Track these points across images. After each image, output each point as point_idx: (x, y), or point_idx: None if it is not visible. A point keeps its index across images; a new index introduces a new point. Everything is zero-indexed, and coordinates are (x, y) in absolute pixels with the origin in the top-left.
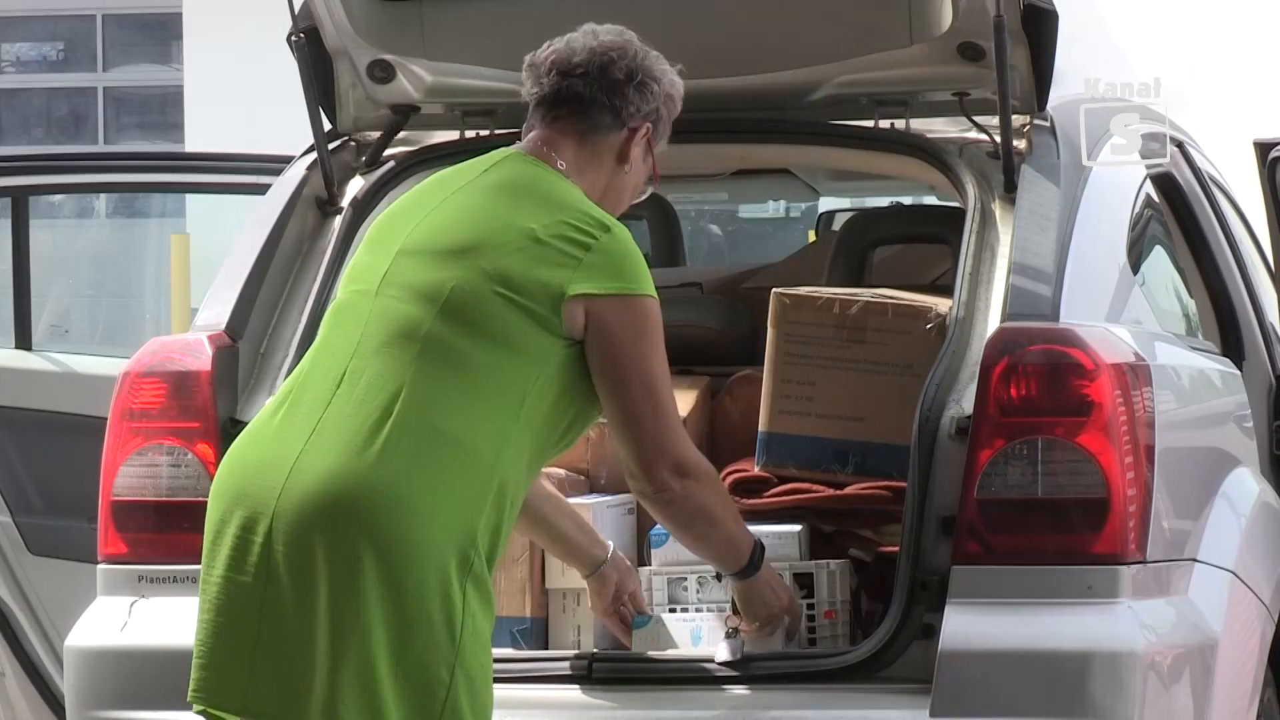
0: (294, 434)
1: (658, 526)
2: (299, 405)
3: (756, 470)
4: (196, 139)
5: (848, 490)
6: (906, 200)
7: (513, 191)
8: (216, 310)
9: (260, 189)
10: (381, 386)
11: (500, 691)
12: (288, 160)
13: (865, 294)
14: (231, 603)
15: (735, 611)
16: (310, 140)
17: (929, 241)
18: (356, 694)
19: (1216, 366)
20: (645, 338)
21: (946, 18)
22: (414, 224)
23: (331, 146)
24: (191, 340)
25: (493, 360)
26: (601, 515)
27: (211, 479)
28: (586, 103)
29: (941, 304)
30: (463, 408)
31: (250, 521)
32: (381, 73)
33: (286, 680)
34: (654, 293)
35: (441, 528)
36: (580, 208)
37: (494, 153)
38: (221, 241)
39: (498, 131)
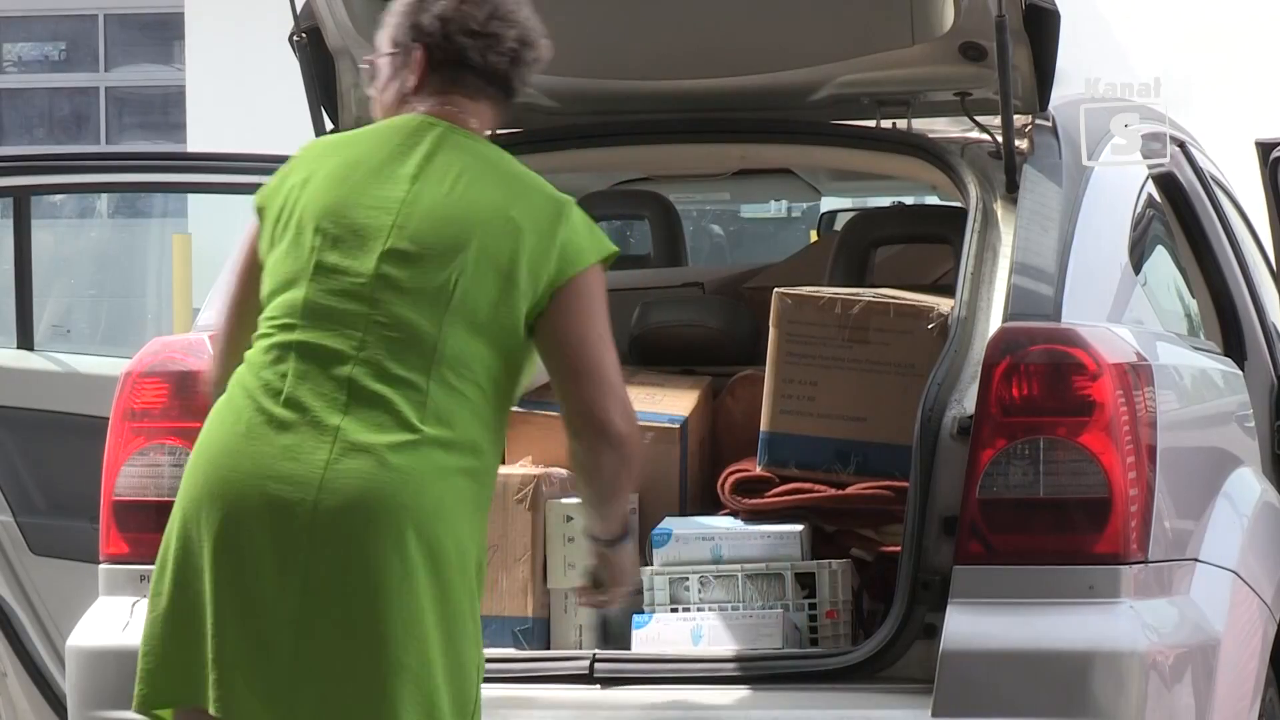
0: (310, 444)
1: (660, 526)
2: (303, 413)
3: (758, 470)
4: (198, 139)
5: (849, 490)
6: (908, 200)
7: (475, 176)
8: (218, 310)
9: None
10: (400, 398)
11: (502, 691)
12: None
13: (867, 294)
14: (261, 613)
15: (596, 586)
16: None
17: (931, 241)
18: (413, 697)
19: (1218, 366)
20: (602, 297)
21: (948, 18)
22: (390, 221)
23: None
24: (193, 340)
25: (495, 360)
26: None
27: None
28: (507, 82)
29: (943, 304)
30: (475, 413)
31: (277, 532)
32: None
33: (331, 690)
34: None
35: (469, 532)
36: (539, 187)
37: (414, 125)
38: (223, 242)
39: (499, 131)
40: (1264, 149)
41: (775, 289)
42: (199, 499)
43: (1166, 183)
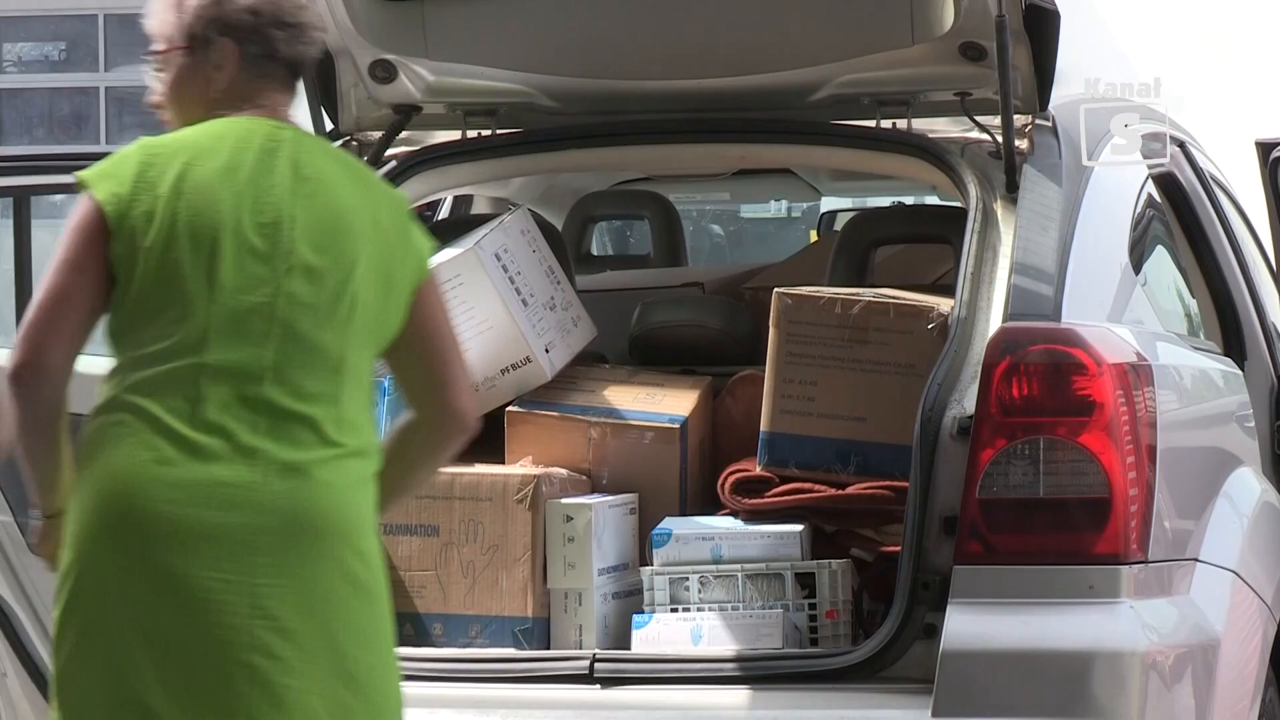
0: (237, 469)
1: (660, 526)
2: (224, 437)
3: (758, 470)
4: None
5: (849, 490)
6: (908, 200)
7: (338, 183)
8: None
9: None
10: (317, 414)
11: (502, 691)
12: None
13: (867, 294)
14: (214, 642)
15: None
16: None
17: (931, 241)
18: (366, 707)
19: (1218, 366)
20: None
21: (948, 18)
22: (285, 237)
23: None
24: None
25: (373, 364)
26: (602, 515)
27: None
28: (301, 72)
29: (943, 304)
30: (370, 420)
31: (219, 561)
32: (383, 72)
33: (289, 710)
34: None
35: (378, 535)
36: (385, 186)
37: (265, 132)
38: None
39: (499, 131)
40: (1264, 149)
41: (775, 289)
42: (118, 533)
43: (1166, 183)
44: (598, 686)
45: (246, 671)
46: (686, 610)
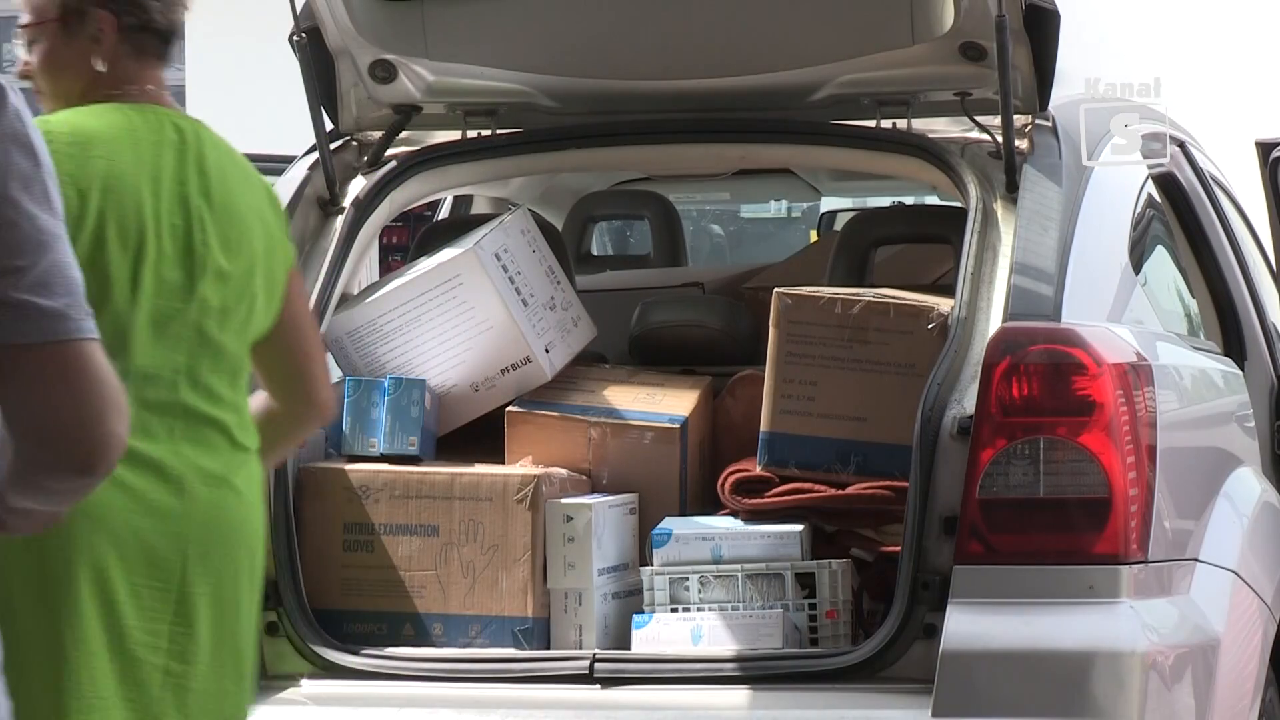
0: (164, 472)
1: (660, 526)
2: (148, 441)
3: (758, 470)
4: None
5: (850, 490)
6: (908, 200)
7: (231, 180)
8: None
9: None
10: (227, 418)
11: (502, 691)
12: (289, 160)
13: (867, 294)
14: (144, 643)
15: None
16: (312, 140)
17: (931, 241)
18: (247, 698)
19: (1218, 366)
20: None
21: (948, 18)
22: (198, 240)
23: (333, 146)
24: None
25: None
26: (602, 515)
27: None
28: (173, 44)
29: (943, 304)
30: (252, 424)
31: (151, 567)
32: (383, 72)
33: (197, 711)
34: None
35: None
36: (262, 179)
37: (168, 124)
38: None
39: (499, 131)
40: (1264, 149)
41: (775, 289)
42: (44, 538)
43: (1166, 183)
44: (598, 686)
45: (161, 676)
46: (686, 610)
